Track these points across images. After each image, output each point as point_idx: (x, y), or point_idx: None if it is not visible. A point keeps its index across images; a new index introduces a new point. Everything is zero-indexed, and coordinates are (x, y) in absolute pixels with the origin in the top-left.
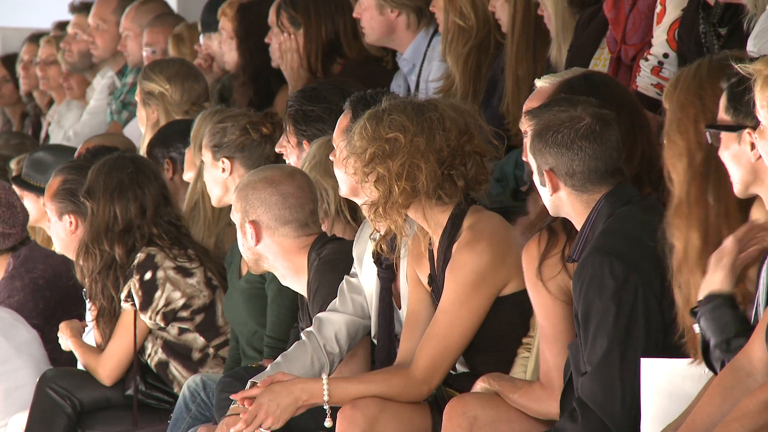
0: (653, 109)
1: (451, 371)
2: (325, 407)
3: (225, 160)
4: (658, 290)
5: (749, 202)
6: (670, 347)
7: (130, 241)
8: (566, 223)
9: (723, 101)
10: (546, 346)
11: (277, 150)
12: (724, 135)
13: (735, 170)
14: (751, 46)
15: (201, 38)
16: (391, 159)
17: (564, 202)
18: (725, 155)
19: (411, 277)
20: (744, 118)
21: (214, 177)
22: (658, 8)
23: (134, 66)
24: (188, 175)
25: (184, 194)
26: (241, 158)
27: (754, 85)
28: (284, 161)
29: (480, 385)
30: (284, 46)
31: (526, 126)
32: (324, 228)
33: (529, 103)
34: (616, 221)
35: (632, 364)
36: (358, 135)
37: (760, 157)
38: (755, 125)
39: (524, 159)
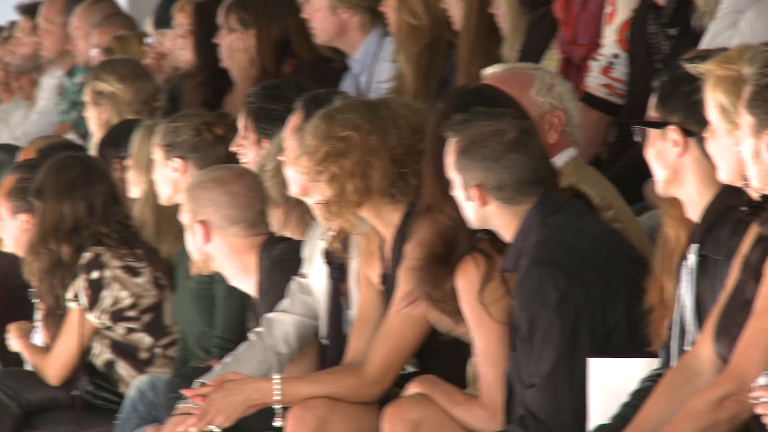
0: (603, 109)
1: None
2: (276, 407)
3: (177, 159)
4: (599, 296)
5: None
6: (613, 349)
7: (78, 240)
8: (495, 242)
9: (653, 99)
10: (487, 369)
11: (233, 149)
12: (650, 132)
13: (658, 169)
14: None
15: (148, 39)
16: (345, 157)
17: (492, 215)
18: (650, 153)
19: (361, 276)
20: (670, 115)
21: (164, 176)
22: (609, 9)
23: (84, 65)
24: (134, 192)
25: None
26: (194, 159)
27: (705, 86)
28: (237, 162)
29: (413, 390)
30: (234, 46)
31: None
32: (280, 211)
33: None
34: (552, 231)
35: (580, 375)
36: (310, 134)
37: (681, 155)
38: (680, 122)
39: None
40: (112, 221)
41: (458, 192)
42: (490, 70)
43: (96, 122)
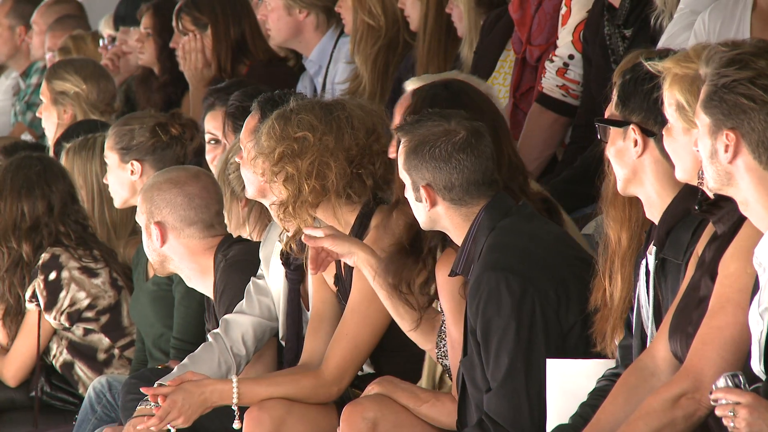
0: (558, 110)
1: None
2: (233, 408)
3: (135, 162)
4: (553, 300)
5: None
6: (568, 351)
7: (38, 238)
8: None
9: (614, 97)
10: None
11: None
12: (611, 130)
13: (618, 167)
14: None
15: (102, 41)
16: (300, 158)
17: (441, 216)
18: (611, 151)
19: (315, 277)
20: (630, 114)
21: (120, 179)
22: (563, 9)
23: (36, 59)
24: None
25: None
26: (152, 161)
27: (663, 83)
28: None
29: (375, 390)
30: (187, 47)
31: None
32: (241, 207)
33: (400, 107)
34: (503, 235)
35: (536, 378)
36: (266, 135)
37: (641, 154)
38: (639, 122)
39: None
40: (70, 221)
41: (408, 193)
42: (412, 85)
43: (56, 122)
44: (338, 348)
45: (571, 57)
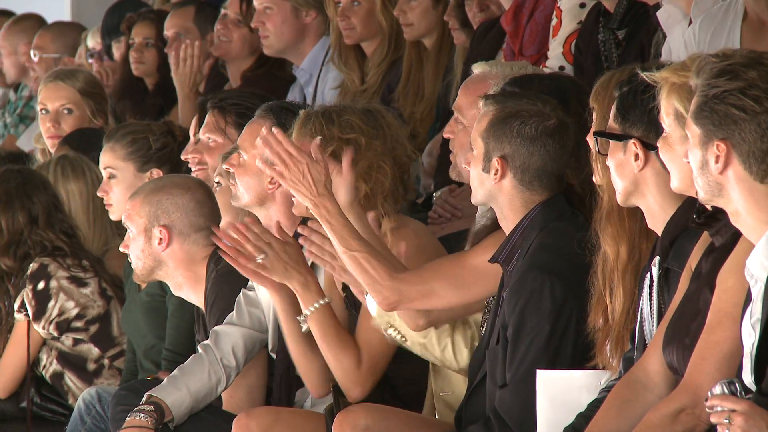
0: None
1: None
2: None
3: (156, 170)
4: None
5: None
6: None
7: (20, 251)
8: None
9: (613, 109)
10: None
11: (184, 157)
12: (611, 143)
13: (618, 180)
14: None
15: (90, 53)
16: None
17: (504, 193)
18: (611, 163)
19: (328, 283)
20: (630, 127)
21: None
22: (554, 21)
23: (12, 84)
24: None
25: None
26: (170, 167)
27: (659, 94)
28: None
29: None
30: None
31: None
32: None
33: (473, 90)
34: (555, 236)
35: None
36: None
37: (642, 168)
38: (640, 136)
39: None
40: (56, 230)
41: (475, 162)
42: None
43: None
44: (366, 345)
45: (561, 68)
